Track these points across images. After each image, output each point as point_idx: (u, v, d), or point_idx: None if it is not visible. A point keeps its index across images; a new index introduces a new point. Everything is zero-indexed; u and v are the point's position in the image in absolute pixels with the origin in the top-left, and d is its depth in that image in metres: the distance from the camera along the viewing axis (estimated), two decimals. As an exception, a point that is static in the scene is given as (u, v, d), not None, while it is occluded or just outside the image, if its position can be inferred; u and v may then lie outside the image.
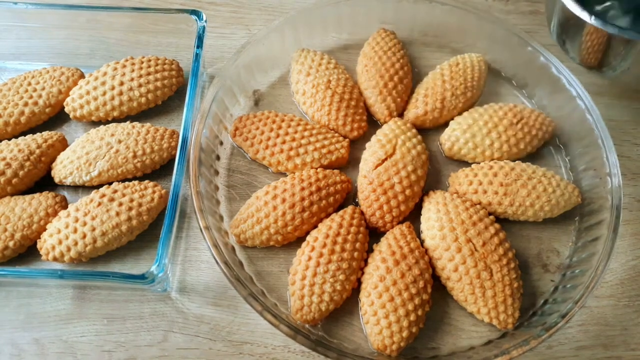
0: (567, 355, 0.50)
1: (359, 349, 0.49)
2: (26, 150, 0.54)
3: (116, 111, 0.59)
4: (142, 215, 0.52)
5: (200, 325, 0.51)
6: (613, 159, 0.53)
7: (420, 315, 0.47)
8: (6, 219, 0.51)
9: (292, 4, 0.70)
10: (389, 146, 0.55)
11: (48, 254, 0.50)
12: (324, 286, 0.48)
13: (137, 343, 0.50)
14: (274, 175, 0.57)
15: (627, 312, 0.52)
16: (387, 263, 0.49)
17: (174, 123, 0.61)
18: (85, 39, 0.64)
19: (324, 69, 0.60)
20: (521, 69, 0.62)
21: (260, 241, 0.52)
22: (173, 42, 0.63)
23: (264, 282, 0.52)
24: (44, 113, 0.59)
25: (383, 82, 0.59)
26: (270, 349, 0.50)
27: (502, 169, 0.54)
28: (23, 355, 0.49)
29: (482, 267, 0.48)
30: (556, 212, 0.54)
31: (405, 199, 0.53)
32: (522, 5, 0.71)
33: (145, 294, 0.52)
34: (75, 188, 0.56)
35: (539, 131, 0.57)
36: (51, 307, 0.51)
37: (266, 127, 0.56)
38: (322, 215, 0.53)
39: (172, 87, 0.60)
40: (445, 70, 0.61)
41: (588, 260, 0.51)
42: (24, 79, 0.59)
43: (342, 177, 0.55)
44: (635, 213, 0.57)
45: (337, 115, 0.58)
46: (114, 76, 0.58)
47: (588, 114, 0.56)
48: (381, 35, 0.63)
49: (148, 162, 0.55)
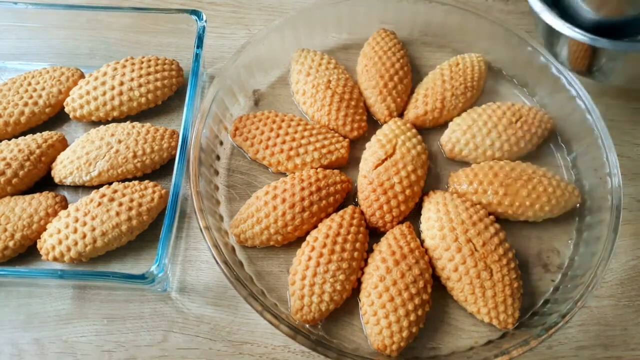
0: (567, 355, 0.50)
1: (359, 349, 0.49)
2: (26, 150, 0.54)
3: (116, 111, 0.59)
4: (142, 215, 0.52)
5: (200, 325, 0.51)
6: (613, 159, 0.53)
7: (420, 315, 0.47)
8: (6, 219, 0.51)
9: (292, 4, 0.70)
10: (389, 146, 0.55)
11: (48, 254, 0.50)
12: (324, 286, 0.48)
13: (137, 343, 0.50)
14: (274, 175, 0.57)
15: (627, 312, 0.52)
16: (387, 263, 0.49)
17: (174, 123, 0.61)
18: (85, 39, 0.64)
19: (324, 69, 0.60)
20: (521, 69, 0.62)
21: (260, 241, 0.52)
22: (173, 42, 0.63)
23: (264, 282, 0.52)
24: (44, 113, 0.59)
25: (383, 82, 0.59)
26: (270, 349, 0.50)
27: (502, 169, 0.54)
28: (23, 355, 0.49)
29: (482, 267, 0.48)
30: (556, 212, 0.54)
31: (405, 199, 0.53)
32: (522, 5, 0.71)
33: (145, 294, 0.52)
34: (75, 188, 0.56)
35: (538, 129, 0.57)
36: (51, 307, 0.51)
37: (266, 127, 0.56)
38: (322, 215, 0.53)
39: (172, 87, 0.60)
40: (445, 70, 0.61)
41: (588, 260, 0.51)
42: (24, 79, 0.59)
43: (342, 177, 0.55)
44: (635, 213, 0.57)
45: (337, 115, 0.58)
46: (114, 76, 0.58)
47: (588, 114, 0.56)
48: (381, 35, 0.63)
49: (148, 162, 0.55)
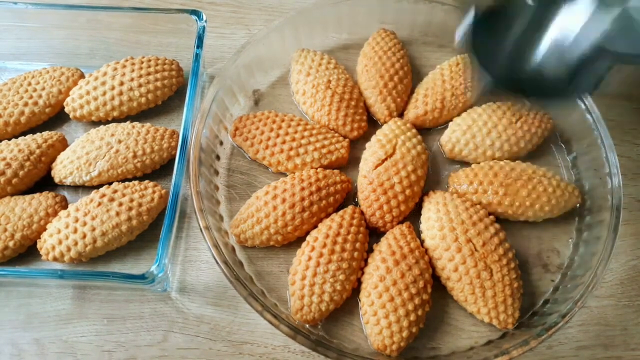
0: (567, 355, 0.50)
1: (359, 349, 0.49)
2: (26, 150, 0.54)
3: (116, 111, 0.59)
4: (142, 215, 0.52)
5: (200, 325, 0.51)
6: (613, 159, 0.53)
7: (420, 315, 0.47)
8: (6, 219, 0.51)
9: (292, 4, 0.70)
10: (389, 146, 0.55)
11: (48, 254, 0.50)
12: (324, 286, 0.48)
13: (137, 343, 0.50)
14: (274, 175, 0.57)
15: (627, 312, 0.52)
16: (387, 263, 0.49)
17: (174, 123, 0.61)
18: (85, 39, 0.64)
19: (324, 69, 0.60)
20: (521, 69, 0.62)
21: (260, 241, 0.52)
22: (173, 42, 0.63)
23: (264, 282, 0.52)
24: (44, 113, 0.59)
25: (383, 82, 0.59)
26: (270, 349, 0.50)
27: (502, 169, 0.54)
28: (23, 355, 0.49)
29: (482, 267, 0.48)
30: (556, 212, 0.54)
31: (405, 199, 0.53)
32: (522, 5, 0.71)
33: (145, 294, 0.52)
34: (75, 188, 0.56)
35: (538, 129, 0.57)
36: (51, 307, 0.51)
37: (266, 127, 0.56)
38: (322, 215, 0.53)
39: (172, 87, 0.60)
40: (445, 70, 0.61)
41: (588, 260, 0.51)
42: (24, 79, 0.59)
43: (342, 177, 0.55)
44: (635, 213, 0.57)
45: (337, 115, 0.58)
46: (114, 76, 0.58)
47: (588, 114, 0.56)
48: (381, 35, 0.63)
49: (148, 162, 0.55)
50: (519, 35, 0.45)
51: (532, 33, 0.44)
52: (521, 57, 0.45)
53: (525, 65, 0.45)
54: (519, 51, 0.45)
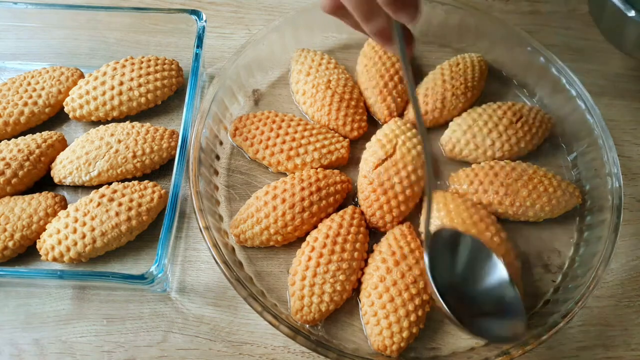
0: (567, 356, 0.50)
1: (359, 349, 0.49)
2: (26, 150, 0.54)
3: (116, 111, 0.58)
4: (142, 215, 0.52)
5: (200, 326, 0.50)
6: (613, 159, 0.53)
7: (421, 316, 0.47)
8: (6, 219, 0.51)
9: (292, 4, 0.70)
10: (389, 146, 0.55)
11: (47, 254, 0.50)
12: (324, 286, 0.48)
13: (137, 343, 0.50)
14: (274, 175, 0.57)
15: (628, 313, 0.52)
16: (388, 263, 0.49)
17: (174, 123, 0.61)
18: (85, 39, 0.63)
19: (324, 69, 0.60)
20: (521, 69, 0.62)
21: (260, 241, 0.52)
22: (173, 42, 0.63)
23: (264, 283, 0.52)
24: (44, 113, 0.58)
25: (383, 82, 0.59)
26: (270, 349, 0.50)
27: (502, 169, 0.54)
28: (23, 356, 0.49)
29: (483, 267, 0.48)
30: (557, 212, 0.54)
31: (405, 199, 0.53)
32: (522, 5, 0.71)
33: (145, 295, 0.52)
34: (75, 188, 0.56)
35: (539, 129, 0.57)
36: (51, 307, 0.51)
37: (266, 127, 0.56)
38: (322, 216, 0.53)
39: (172, 87, 0.60)
40: (446, 70, 0.60)
41: (589, 261, 0.51)
42: (23, 79, 0.59)
43: (342, 177, 0.55)
44: (636, 213, 0.57)
45: (337, 115, 0.58)
46: (113, 76, 0.58)
47: (588, 114, 0.56)
48: (381, 35, 0.63)
49: (148, 162, 0.55)
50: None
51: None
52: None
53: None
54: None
